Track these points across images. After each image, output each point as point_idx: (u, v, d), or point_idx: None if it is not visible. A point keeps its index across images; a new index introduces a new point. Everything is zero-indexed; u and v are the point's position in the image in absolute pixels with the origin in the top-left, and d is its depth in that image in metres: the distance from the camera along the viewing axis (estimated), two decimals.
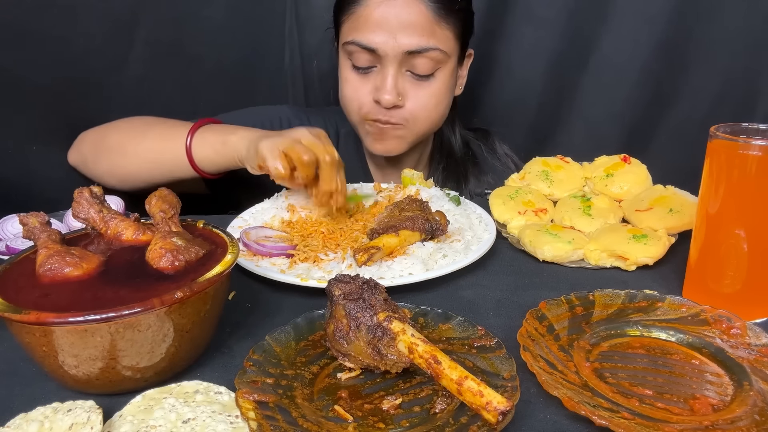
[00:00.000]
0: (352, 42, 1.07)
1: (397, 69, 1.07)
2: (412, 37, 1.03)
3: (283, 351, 0.63)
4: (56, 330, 0.53)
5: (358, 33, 1.06)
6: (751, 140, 0.69)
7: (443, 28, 1.06)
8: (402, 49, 1.04)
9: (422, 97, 1.10)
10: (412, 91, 1.09)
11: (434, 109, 1.13)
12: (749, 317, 0.70)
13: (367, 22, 1.05)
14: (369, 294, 0.61)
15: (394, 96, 1.07)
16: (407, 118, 1.11)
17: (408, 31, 1.03)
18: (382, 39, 1.04)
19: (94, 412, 0.52)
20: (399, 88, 1.08)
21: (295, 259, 0.84)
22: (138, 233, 0.67)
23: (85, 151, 1.12)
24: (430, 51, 1.05)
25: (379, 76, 1.08)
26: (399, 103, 1.09)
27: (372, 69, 1.09)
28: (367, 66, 1.08)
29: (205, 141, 1.01)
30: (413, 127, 1.13)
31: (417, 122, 1.12)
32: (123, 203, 0.96)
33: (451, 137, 1.30)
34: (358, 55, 1.08)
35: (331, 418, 0.55)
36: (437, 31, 1.05)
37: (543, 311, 0.69)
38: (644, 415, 0.55)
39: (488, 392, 0.51)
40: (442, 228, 0.89)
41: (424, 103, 1.11)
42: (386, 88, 1.06)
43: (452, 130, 1.30)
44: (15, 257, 0.64)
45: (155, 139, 1.05)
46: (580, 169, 1.08)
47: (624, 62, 1.44)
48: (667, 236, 0.89)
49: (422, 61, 1.06)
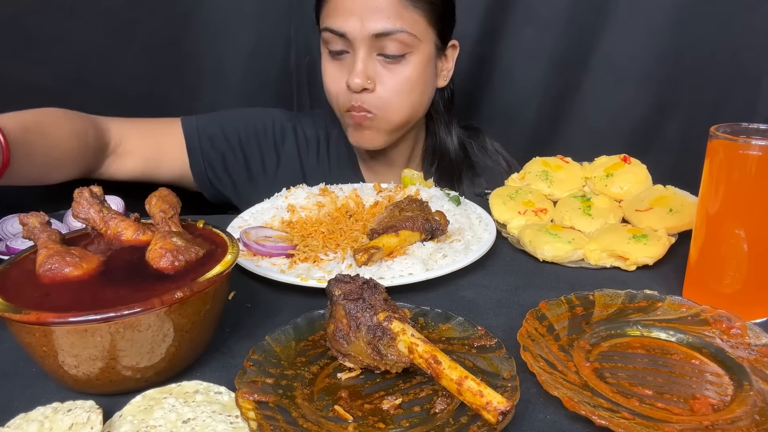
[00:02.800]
0: (326, 28, 1.10)
1: (367, 53, 1.08)
2: (378, 20, 1.06)
3: (283, 351, 0.63)
4: (56, 330, 0.53)
5: (330, 19, 1.09)
6: (751, 140, 0.69)
7: (411, 11, 1.08)
8: (369, 32, 1.06)
9: (393, 81, 1.11)
10: (383, 76, 1.11)
11: (407, 94, 1.13)
12: (749, 317, 0.70)
13: (337, 8, 1.08)
14: (369, 294, 0.61)
15: (363, 79, 1.08)
16: (379, 106, 1.11)
17: (375, 14, 1.06)
18: (350, 23, 1.07)
19: (94, 412, 0.52)
20: (369, 72, 1.09)
21: (295, 259, 0.84)
22: (138, 233, 0.67)
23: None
24: (397, 33, 1.07)
25: (351, 61, 1.10)
26: (368, 87, 1.09)
27: (345, 54, 1.11)
28: (339, 50, 1.11)
29: None
30: (386, 116, 1.13)
31: (389, 109, 1.12)
32: (123, 203, 0.96)
33: (446, 139, 1.29)
34: (332, 40, 1.10)
35: (331, 418, 0.55)
36: (404, 14, 1.07)
37: (543, 311, 0.69)
38: (644, 415, 0.55)
39: (488, 392, 0.51)
40: (442, 228, 0.89)
41: (395, 87, 1.11)
42: (355, 70, 1.08)
43: (448, 131, 1.30)
44: (15, 257, 0.64)
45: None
46: (580, 169, 1.08)
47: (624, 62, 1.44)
48: (667, 236, 0.89)
49: (391, 43, 1.08)
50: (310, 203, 0.99)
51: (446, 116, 1.28)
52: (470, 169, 1.30)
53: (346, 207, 0.99)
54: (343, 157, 1.28)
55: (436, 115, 1.26)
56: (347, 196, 1.02)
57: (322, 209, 0.98)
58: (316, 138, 1.28)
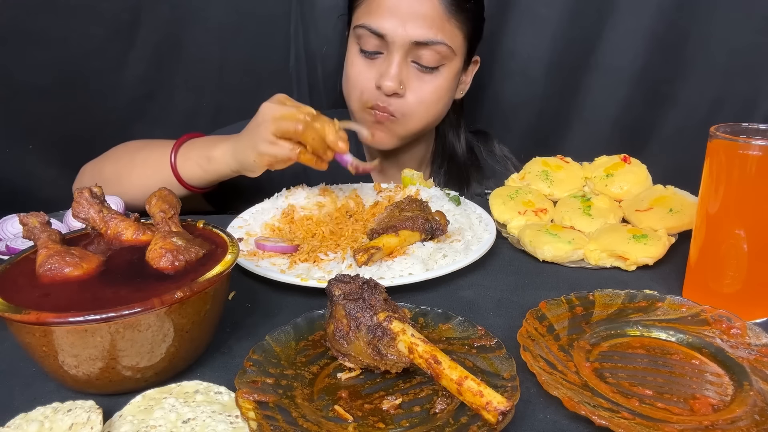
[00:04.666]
0: (362, 26, 1.08)
1: (403, 57, 1.07)
2: (421, 27, 1.04)
3: (283, 351, 0.63)
4: (56, 330, 0.53)
5: (369, 17, 1.07)
6: (751, 140, 0.69)
7: (452, 25, 1.07)
8: (409, 38, 1.05)
9: (423, 91, 1.10)
10: (414, 83, 1.10)
11: (433, 105, 1.13)
12: (749, 317, 0.70)
13: (379, 7, 1.06)
14: (369, 294, 0.61)
15: (396, 83, 1.07)
16: (404, 112, 1.11)
17: (418, 21, 1.04)
18: (391, 25, 1.05)
19: (94, 412, 0.52)
20: (402, 77, 1.08)
21: (295, 259, 0.84)
22: (138, 233, 0.67)
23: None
24: (437, 44, 1.06)
25: (385, 63, 1.09)
26: (400, 92, 1.09)
27: (378, 55, 1.10)
28: (374, 50, 1.09)
29: (190, 160, 1.00)
30: (407, 123, 1.13)
31: (412, 117, 1.12)
32: (123, 203, 0.96)
33: (455, 141, 1.29)
34: (367, 39, 1.09)
35: (331, 418, 0.55)
36: (446, 27, 1.06)
37: (543, 311, 0.69)
38: (644, 415, 0.55)
39: (488, 392, 0.51)
40: (442, 228, 0.89)
41: (424, 97, 1.11)
42: (390, 74, 1.07)
43: (456, 135, 1.30)
44: (15, 257, 0.64)
45: (142, 166, 1.05)
46: (580, 169, 1.08)
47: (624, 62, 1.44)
48: (667, 236, 0.89)
49: (428, 53, 1.07)
50: (310, 203, 0.99)
51: (455, 120, 1.28)
52: (478, 172, 1.30)
53: (346, 207, 0.99)
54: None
55: (446, 119, 1.26)
56: (347, 196, 1.02)
57: (323, 209, 0.98)
58: None
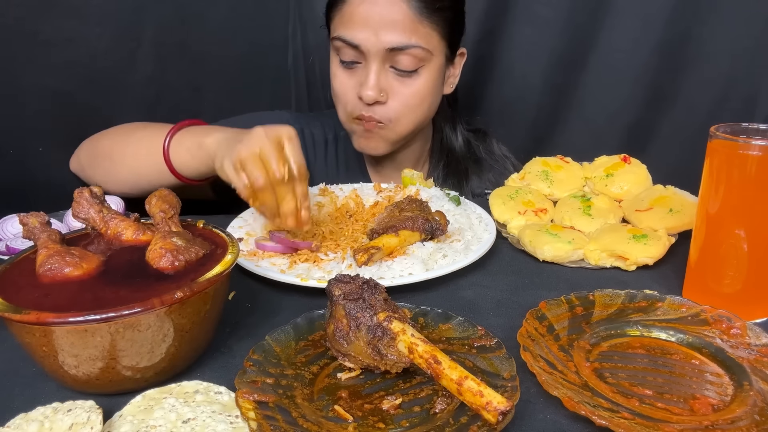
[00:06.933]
0: (338, 37, 1.09)
1: (380, 65, 1.08)
2: (393, 34, 1.05)
3: (283, 351, 0.63)
4: (56, 330, 0.53)
5: (343, 29, 1.08)
6: (751, 140, 0.69)
7: (426, 27, 1.07)
8: (384, 46, 1.05)
9: (405, 95, 1.11)
10: (395, 88, 1.10)
11: (417, 107, 1.13)
12: (749, 317, 0.70)
13: (352, 18, 1.07)
14: (369, 294, 0.61)
15: (376, 92, 1.08)
16: (390, 117, 1.11)
17: (389, 28, 1.05)
18: (364, 35, 1.05)
19: (94, 412, 0.52)
20: (382, 85, 1.09)
21: (295, 259, 0.84)
22: (138, 233, 0.67)
23: (83, 159, 1.12)
24: (412, 48, 1.06)
25: (363, 72, 1.09)
26: (381, 99, 1.09)
27: (357, 65, 1.10)
28: (351, 61, 1.10)
29: (182, 145, 0.98)
30: (396, 127, 1.13)
31: (399, 122, 1.13)
32: (123, 203, 0.96)
33: (451, 136, 1.30)
34: (344, 50, 1.09)
35: (331, 418, 0.55)
36: (419, 29, 1.06)
37: (543, 311, 0.69)
38: (644, 415, 0.55)
39: (488, 392, 0.51)
40: (442, 228, 0.89)
41: (407, 101, 1.11)
42: (369, 83, 1.08)
43: (453, 129, 1.30)
44: (15, 257, 0.64)
45: (136, 145, 1.03)
46: (580, 169, 1.08)
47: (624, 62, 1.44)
48: (667, 236, 0.89)
49: (405, 58, 1.07)
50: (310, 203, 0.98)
51: (450, 114, 1.28)
52: (477, 165, 1.31)
53: (346, 207, 0.99)
54: (351, 159, 1.28)
55: (441, 114, 1.26)
56: (347, 196, 1.02)
57: (323, 209, 0.98)
58: (324, 140, 1.28)
